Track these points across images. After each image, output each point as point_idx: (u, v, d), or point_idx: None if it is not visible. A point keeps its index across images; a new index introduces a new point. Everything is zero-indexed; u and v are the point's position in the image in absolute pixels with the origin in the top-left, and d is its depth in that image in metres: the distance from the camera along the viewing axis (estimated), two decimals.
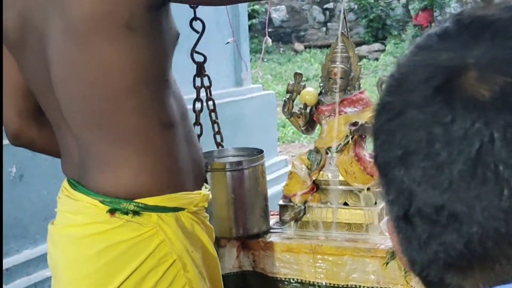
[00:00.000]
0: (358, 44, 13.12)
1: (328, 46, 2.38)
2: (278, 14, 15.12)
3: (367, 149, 2.27)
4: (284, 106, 2.31)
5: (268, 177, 2.32)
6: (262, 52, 3.22)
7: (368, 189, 2.22)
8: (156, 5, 1.55)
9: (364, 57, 12.54)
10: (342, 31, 2.36)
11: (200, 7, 2.14)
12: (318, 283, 2.20)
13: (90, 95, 1.58)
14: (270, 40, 2.82)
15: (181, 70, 1.76)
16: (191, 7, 2.12)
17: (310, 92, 2.27)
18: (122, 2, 1.51)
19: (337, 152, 2.25)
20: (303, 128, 2.31)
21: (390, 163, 0.58)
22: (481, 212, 0.53)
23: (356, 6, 14.27)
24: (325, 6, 14.96)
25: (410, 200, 0.56)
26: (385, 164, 0.59)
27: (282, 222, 2.31)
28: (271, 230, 2.31)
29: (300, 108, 2.28)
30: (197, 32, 2.15)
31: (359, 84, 2.31)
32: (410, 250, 0.59)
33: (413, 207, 0.56)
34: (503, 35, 0.57)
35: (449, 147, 0.54)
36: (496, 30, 0.57)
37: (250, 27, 10.67)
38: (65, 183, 1.72)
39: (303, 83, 2.31)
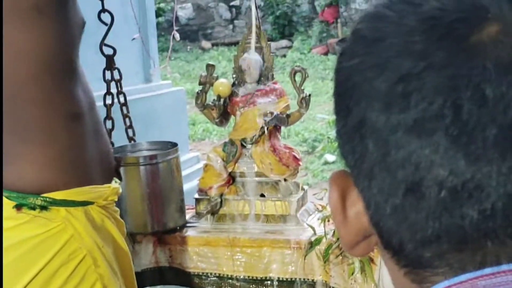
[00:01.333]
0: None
1: (235, 43, 2.36)
2: (184, 12, 15.06)
3: (283, 138, 2.26)
4: (197, 98, 2.27)
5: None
6: (170, 47, 3.18)
7: (284, 180, 2.20)
8: None
9: (272, 53, 12.62)
10: (255, 21, 2.34)
11: (108, 0, 2.10)
12: (236, 276, 2.17)
13: None
14: (177, 35, 2.79)
15: (89, 65, 1.72)
16: None
17: (223, 84, 2.23)
18: None
19: (252, 143, 2.22)
20: (217, 120, 2.28)
21: (392, 131, 0.52)
22: (511, 182, 0.50)
23: (262, 3, 14.35)
24: (232, 3, 14.98)
25: (423, 172, 0.51)
26: (380, 130, 0.53)
27: (198, 215, 2.27)
28: (188, 224, 2.26)
29: (214, 100, 2.25)
30: (106, 24, 2.11)
31: (272, 75, 2.29)
32: (401, 223, 0.54)
33: (428, 178, 0.51)
34: None
35: (481, 112, 0.49)
36: None
37: (156, 25, 10.59)
38: None
39: (215, 75, 2.27)
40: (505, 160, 0.49)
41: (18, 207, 1.56)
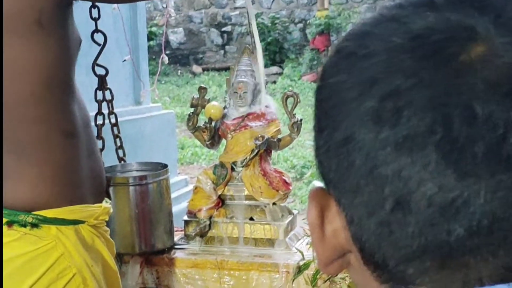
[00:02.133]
0: None
1: (226, 68, 2.38)
2: (176, 36, 15.09)
3: (272, 164, 2.26)
4: (188, 120, 2.28)
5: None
6: (159, 70, 3.19)
7: (274, 204, 2.20)
8: (65, 2, 1.52)
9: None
10: (247, 45, 2.35)
11: (100, 22, 2.11)
12: None
13: None
14: (166, 58, 2.81)
15: (81, 86, 1.72)
16: (92, 19, 2.08)
17: (215, 106, 2.24)
18: None
19: (242, 166, 2.22)
20: (207, 143, 2.28)
21: (381, 146, 0.53)
22: (497, 199, 0.50)
23: None
24: (223, 29, 15.01)
25: (411, 187, 0.52)
26: (368, 146, 0.53)
27: (187, 237, 2.26)
28: (176, 246, 2.26)
29: (205, 122, 2.25)
30: (99, 44, 2.11)
31: (265, 98, 2.29)
32: (386, 238, 0.54)
33: (417, 194, 0.52)
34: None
35: (471, 129, 0.50)
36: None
37: (148, 48, 10.61)
38: None
39: (207, 98, 2.28)
40: (493, 177, 0.50)
41: (9, 224, 1.56)
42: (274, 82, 13.27)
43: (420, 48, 0.53)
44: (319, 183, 0.63)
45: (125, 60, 3.47)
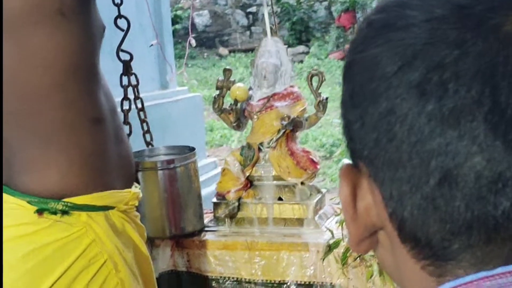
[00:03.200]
0: None
1: (252, 49, 2.37)
2: (201, 19, 15.09)
3: (301, 143, 2.26)
4: (214, 102, 2.28)
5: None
6: (186, 53, 3.19)
7: (302, 183, 2.20)
8: None
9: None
10: (271, 25, 2.34)
11: (123, 7, 2.11)
12: (254, 280, 2.17)
13: (15, 90, 1.53)
14: (194, 40, 2.80)
15: (106, 72, 1.73)
16: (114, 4, 2.09)
17: (240, 88, 2.24)
18: None
19: (269, 147, 2.23)
20: (234, 124, 2.28)
21: (426, 120, 0.52)
22: None
23: (279, 10, 14.34)
24: (248, 10, 15.00)
25: (459, 160, 0.51)
26: (412, 120, 0.52)
27: (216, 219, 2.28)
28: (206, 229, 2.27)
29: (231, 104, 2.25)
30: (122, 30, 2.12)
31: (290, 79, 2.29)
32: (430, 214, 0.53)
33: (465, 167, 0.51)
34: None
35: None
36: None
37: (173, 32, 10.61)
38: None
39: (232, 80, 2.28)
40: None
41: (40, 212, 1.57)
42: (301, 61, 13.25)
43: (463, 19, 0.52)
44: (348, 161, 0.62)
45: (152, 45, 3.47)
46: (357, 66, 0.58)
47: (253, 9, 15.01)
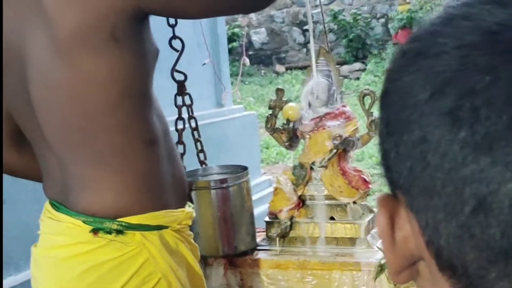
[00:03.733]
0: (339, 64, 13.12)
1: (309, 66, 2.39)
2: (258, 36, 15.16)
3: (351, 162, 2.27)
4: (267, 122, 2.30)
5: (253, 198, 2.31)
6: (240, 72, 3.22)
7: (354, 202, 2.21)
8: (139, 17, 1.55)
9: (345, 76, 12.58)
10: (322, 45, 2.36)
11: (178, 28, 2.14)
12: None
13: (70, 112, 1.57)
14: (247, 60, 2.83)
15: (161, 92, 1.76)
16: (169, 25, 2.12)
17: (292, 107, 2.26)
18: (107, 13, 1.50)
19: (321, 166, 2.23)
20: (286, 144, 2.30)
21: (459, 147, 0.51)
22: None
23: (335, 27, 14.33)
24: (305, 27, 15.00)
25: (493, 187, 0.50)
26: (445, 147, 0.52)
27: (269, 238, 2.29)
28: (258, 248, 2.28)
29: (283, 123, 2.27)
30: (177, 50, 2.15)
31: (341, 98, 2.30)
32: (466, 242, 0.52)
33: (499, 193, 0.50)
34: None
35: None
36: None
37: (230, 50, 10.67)
38: (47, 205, 1.70)
39: (285, 99, 2.30)
40: None
41: (95, 231, 1.60)
42: (358, 78, 13.20)
43: (494, 45, 0.51)
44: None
45: (204, 64, 3.50)
46: (391, 95, 0.58)
47: (309, 26, 15.02)
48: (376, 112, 2.23)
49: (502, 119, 0.49)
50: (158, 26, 1.73)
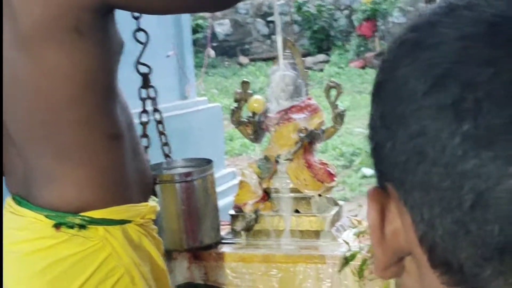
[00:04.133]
0: (303, 55, 13.13)
1: (273, 58, 2.38)
2: (222, 28, 15.13)
3: (321, 152, 2.27)
4: (232, 115, 2.29)
5: (217, 190, 2.29)
6: (205, 64, 3.22)
7: (319, 195, 2.20)
8: (104, 10, 1.53)
9: (309, 68, 12.61)
10: (288, 37, 2.35)
11: (142, 20, 2.12)
12: None
13: (33, 106, 1.55)
14: (212, 52, 2.82)
15: (126, 84, 1.74)
16: (133, 17, 2.10)
17: (258, 100, 2.24)
18: (70, 6, 1.49)
19: (286, 159, 2.23)
20: (251, 137, 2.29)
21: (459, 141, 0.50)
22: None
23: (300, 18, 14.36)
24: (269, 18, 15.01)
25: (493, 182, 0.49)
26: (444, 141, 0.50)
27: (233, 232, 2.28)
28: (223, 241, 2.27)
29: (249, 116, 2.26)
30: (141, 43, 2.13)
31: (307, 91, 2.29)
32: (462, 238, 0.51)
33: (498, 189, 0.49)
34: None
35: None
36: None
37: (194, 42, 10.63)
38: (9, 200, 1.68)
39: (250, 92, 2.29)
40: None
41: (57, 226, 1.59)
42: (321, 70, 13.25)
43: (495, 37, 0.50)
44: (368, 171, 0.61)
45: (168, 56, 3.47)
46: (387, 86, 0.56)
47: (273, 18, 15.03)
48: (341, 105, 2.23)
49: (504, 113, 0.48)
50: (122, 18, 1.71)
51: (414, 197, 0.53)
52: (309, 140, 2.19)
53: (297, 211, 2.22)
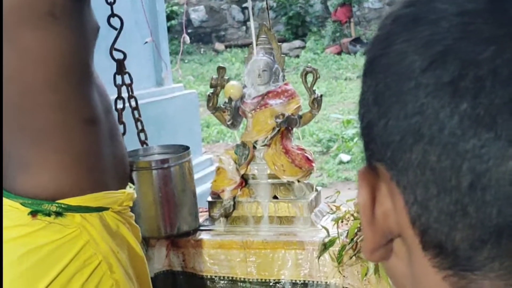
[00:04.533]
0: (279, 41, 13.12)
1: (248, 45, 2.37)
2: (197, 14, 15.07)
3: (294, 141, 2.26)
4: (208, 101, 2.28)
5: (194, 177, 2.28)
6: (181, 50, 3.19)
7: (297, 181, 2.20)
8: None
9: (286, 54, 12.59)
10: (264, 23, 2.34)
11: (116, 6, 2.10)
12: (249, 279, 2.17)
13: (8, 91, 1.53)
14: (188, 38, 2.80)
15: (101, 71, 1.72)
16: (107, 3, 2.08)
17: (234, 86, 2.23)
18: None
19: (264, 145, 2.22)
20: (228, 123, 2.28)
21: (459, 120, 0.49)
22: None
23: (275, 4, 14.33)
24: (244, 5, 14.98)
25: (493, 163, 0.48)
26: (443, 120, 0.49)
27: (211, 219, 2.27)
28: (201, 228, 2.26)
29: (225, 102, 2.25)
30: (115, 29, 2.11)
31: (283, 76, 2.28)
32: (458, 220, 0.50)
33: (499, 171, 0.48)
34: None
35: None
36: None
37: (169, 28, 10.58)
38: None
39: (226, 78, 2.27)
40: None
41: (33, 213, 1.57)
42: (297, 56, 13.24)
43: (497, 14, 0.49)
44: (346, 157, 0.60)
45: (146, 42, 3.44)
46: (381, 63, 0.54)
47: (248, 4, 15.00)
48: (318, 90, 2.22)
49: (507, 92, 0.47)
50: (97, 4, 1.69)
51: (408, 177, 0.52)
52: (286, 126, 2.18)
53: (275, 197, 2.22)
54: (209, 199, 2.28)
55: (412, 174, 0.52)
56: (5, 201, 1.59)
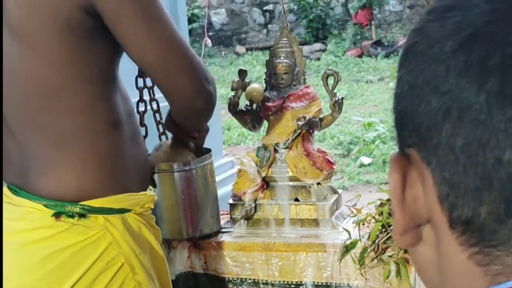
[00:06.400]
0: (300, 44, 13.14)
1: (269, 47, 2.38)
2: (218, 17, 15.10)
3: (318, 141, 2.26)
4: (229, 104, 2.28)
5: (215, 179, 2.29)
6: (202, 53, 3.20)
7: (318, 183, 2.20)
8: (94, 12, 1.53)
9: (306, 57, 12.59)
10: (284, 26, 2.34)
11: None
12: (271, 281, 2.17)
13: (29, 93, 1.54)
14: (209, 41, 2.80)
15: (122, 73, 1.73)
16: None
17: (255, 89, 2.23)
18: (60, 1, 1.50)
19: (285, 148, 2.23)
20: (249, 126, 2.28)
21: (487, 104, 0.51)
22: None
23: (295, 7, 14.33)
24: (265, 8, 14.99)
25: (510, 140, 0.50)
26: (472, 104, 0.51)
27: (233, 221, 2.28)
28: (223, 230, 2.27)
29: (246, 105, 2.25)
30: None
31: (305, 79, 2.29)
32: (486, 196, 0.52)
33: None
34: None
35: None
36: None
37: (190, 31, 10.62)
38: (5, 190, 1.67)
39: (248, 80, 2.28)
40: None
41: (57, 215, 1.58)
42: (318, 59, 13.22)
43: None
44: (366, 159, 0.62)
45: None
46: (414, 51, 0.57)
47: (269, 7, 15.00)
48: (339, 93, 2.22)
49: None
50: None
51: (437, 156, 0.54)
52: (307, 128, 2.19)
53: (296, 200, 2.22)
54: (231, 201, 2.29)
55: (442, 153, 0.54)
56: (27, 202, 1.60)
